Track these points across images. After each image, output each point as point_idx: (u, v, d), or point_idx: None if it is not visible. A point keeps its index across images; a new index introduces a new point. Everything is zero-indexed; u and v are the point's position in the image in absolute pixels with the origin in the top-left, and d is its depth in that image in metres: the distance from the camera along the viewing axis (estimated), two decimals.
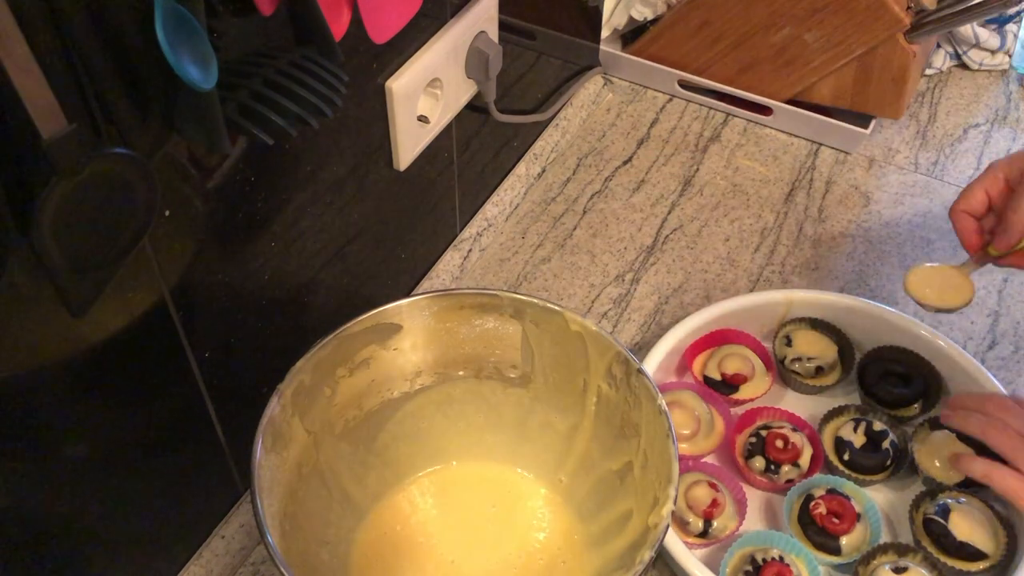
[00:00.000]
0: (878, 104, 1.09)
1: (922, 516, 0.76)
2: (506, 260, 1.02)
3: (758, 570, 0.73)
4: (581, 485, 0.76)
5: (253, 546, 0.79)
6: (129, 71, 0.48)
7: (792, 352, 0.88)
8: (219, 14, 0.55)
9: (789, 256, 1.02)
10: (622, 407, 0.71)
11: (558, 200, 1.08)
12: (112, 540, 0.66)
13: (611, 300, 0.98)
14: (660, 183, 1.10)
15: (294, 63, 0.57)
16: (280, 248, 0.70)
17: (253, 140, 0.55)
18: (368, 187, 0.79)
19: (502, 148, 1.02)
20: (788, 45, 1.07)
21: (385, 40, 0.67)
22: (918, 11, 1.02)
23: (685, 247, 1.03)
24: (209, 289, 0.65)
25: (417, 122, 0.81)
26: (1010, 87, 1.23)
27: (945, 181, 1.10)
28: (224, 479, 0.76)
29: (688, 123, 1.17)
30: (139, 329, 0.60)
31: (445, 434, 0.78)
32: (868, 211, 1.07)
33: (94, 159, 0.45)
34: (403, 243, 0.89)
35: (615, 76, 1.21)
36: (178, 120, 0.51)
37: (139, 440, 0.64)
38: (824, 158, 1.13)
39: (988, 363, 0.91)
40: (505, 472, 0.78)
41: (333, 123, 0.70)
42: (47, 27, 0.43)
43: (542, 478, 0.77)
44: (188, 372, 0.66)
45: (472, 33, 0.83)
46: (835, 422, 0.84)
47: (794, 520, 0.77)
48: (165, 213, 0.58)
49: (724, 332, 0.89)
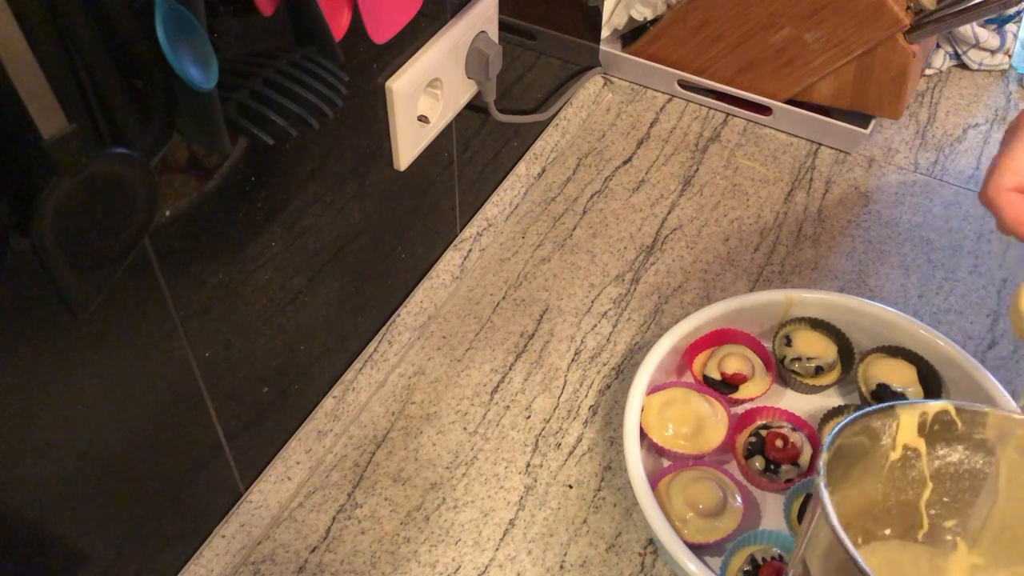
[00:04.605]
0: (878, 104, 1.09)
1: None
2: (506, 260, 1.02)
3: (758, 570, 0.73)
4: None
5: (253, 546, 0.79)
6: (129, 71, 0.48)
7: (792, 352, 0.88)
8: (219, 14, 0.55)
9: (789, 256, 1.02)
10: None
11: (558, 200, 1.08)
12: (112, 539, 0.66)
13: (611, 300, 0.98)
14: (660, 183, 1.10)
15: (294, 63, 0.57)
16: (280, 248, 0.70)
17: (253, 140, 0.55)
18: (368, 187, 0.79)
19: (502, 148, 1.03)
20: (788, 45, 1.07)
21: (385, 40, 0.67)
22: (918, 11, 1.02)
23: (685, 247, 1.03)
24: (209, 289, 0.65)
25: (417, 122, 0.81)
26: (1010, 87, 1.23)
27: (945, 181, 1.10)
28: (224, 479, 0.76)
29: (688, 123, 1.17)
30: (139, 329, 0.60)
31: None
32: (868, 211, 1.07)
33: (94, 159, 0.45)
34: (403, 243, 0.89)
35: (615, 76, 1.22)
36: (178, 120, 0.51)
37: (139, 440, 0.64)
38: (824, 158, 1.13)
39: (988, 363, 0.91)
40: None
41: (333, 123, 0.70)
42: (47, 27, 0.43)
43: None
44: (188, 372, 0.66)
45: (472, 33, 0.83)
46: (835, 422, 0.84)
47: (794, 520, 0.77)
48: (165, 213, 0.58)
49: (724, 332, 0.89)
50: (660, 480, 0.79)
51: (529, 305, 0.97)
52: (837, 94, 1.10)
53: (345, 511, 0.82)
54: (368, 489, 0.83)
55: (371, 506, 0.82)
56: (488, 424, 0.87)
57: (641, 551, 0.79)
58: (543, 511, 0.82)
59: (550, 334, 0.95)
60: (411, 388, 0.90)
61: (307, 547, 0.79)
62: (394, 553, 0.79)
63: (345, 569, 0.78)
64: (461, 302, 0.98)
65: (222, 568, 0.77)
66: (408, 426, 0.87)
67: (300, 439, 0.82)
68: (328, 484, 0.83)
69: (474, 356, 0.93)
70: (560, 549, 0.79)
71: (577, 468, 0.84)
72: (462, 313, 0.97)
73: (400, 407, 0.89)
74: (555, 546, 0.80)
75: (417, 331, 0.94)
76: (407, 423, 0.88)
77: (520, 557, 0.79)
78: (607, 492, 0.83)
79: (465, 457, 0.85)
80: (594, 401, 0.89)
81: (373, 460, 0.85)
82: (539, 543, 0.80)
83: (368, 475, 0.84)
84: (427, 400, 0.89)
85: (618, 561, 0.79)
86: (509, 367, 0.92)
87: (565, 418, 0.88)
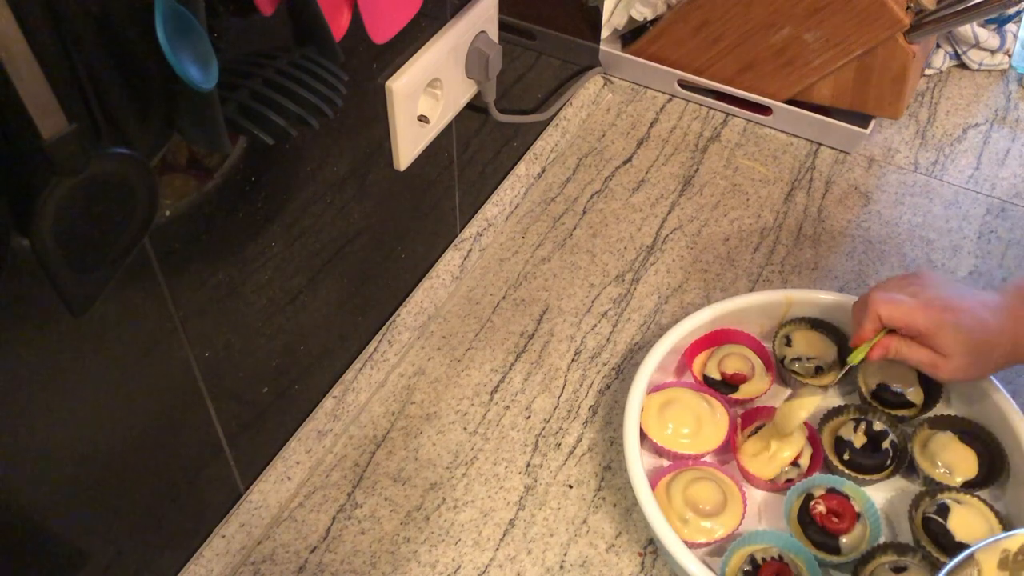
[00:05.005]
0: (878, 104, 1.09)
1: (921, 515, 0.76)
2: (506, 260, 1.02)
3: (758, 570, 0.73)
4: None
5: (253, 546, 0.79)
6: (129, 71, 0.48)
7: (792, 352, 0.88)
8: (219, 14, 0.55)
9: (789, 256, 1.02)
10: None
11: (558, 200, 1.08)
12: (112, 540, 0.66)
13: (611, 300, 0.98)
14: (660, 183, 1.10)
15: (294, 63, 0.57)
16: (280, 248, 0.70)
17: (253, 140, 0.55)
18: (368, 187, 0.79)
19: (502, 148, 1.03)
20: (788, 45, 1.07)
21: (385, 40, 0.67)
22: (918, 11, 1.02)
23: (685, 247, 1.03)
24: (209, 289, 0.65)
25: (417, 122, 0.81)
26: (1010, 87, 1.23)
27: (945, 181, 1.10)
28: (224, 479, 0.76)
29: (688, 123, 1.17)
30: (139, 329, 0.60)
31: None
32: (868, 211, 1.07)
33: (94, 159, 0.45)
34: (403, 243, 0.89)
35: (615, 76, 1.22)
36: (178, 120, 0.51)
37: (139, 440, 0.64)
38: (824, 158, 1.13)
39: None
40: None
41: (333, 123, 0.70)
42: (47, 27, 0.43)
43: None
44: (188, 372, 0.66)
45: (472, 33, 0.83)
46: (835, 422, 0.84)
47: (794, 520, 0.77)
48: (165, 213, 0.58)
49: (724, 332, 0.89)
50: (660, 480, 0.79)
51: (529, 305, 0.97)
52: (837, 94, 1.10)
53: (345, 511, 0.82)
54: (368, 489, 0.83)
55: (371, 506, 0.82)
56: (488, 424, 0.87)
57: (641, 551, 0.79)
58: (543, 511, 0.82)
59: (550, 334, 0.95)
60: (411, 388, 0.90)
61: (307, 547, 0.79)
62: (394, 553, 0.79)
63: (345, 569, 0.78)
64: (461, 302, 0.98)
65: (222, 568, 0.77)
66: (408, 426, 0.87)
67: (300, 439, 0.82)
68: (328, 484, 0.83)
69: (474, 356, 0.93)
70: (560, 549, 0.79)
71: (577, 468, 0.84)
72: (462, 313, 0.97)
73: (400, 407, 0.89)
74: (555, 546, 0.80)
75: (417, 331, 0.94)
76: (407, 423, 0.87)
77: (520, 557, 0.79)
78: (607, 492, 0.83)
79: (465, 457, 0.85)
80: (594, 401, 0.89)
81: (373, 460, 0.85)
82: (539, 543, 0.80)
83: (368, 475, 0.84)
84: (427, 400, 0.89)
85: (618, 561, 0.79)
86: (509, 367, 0.92)
87: (565, 418, 0.88)
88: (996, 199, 1.08)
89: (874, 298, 0.78)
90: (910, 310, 0.76)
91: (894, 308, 0.77)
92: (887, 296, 0.78)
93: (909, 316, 0.76)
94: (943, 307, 0.76)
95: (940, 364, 0.76)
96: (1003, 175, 1.11)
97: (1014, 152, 1.14)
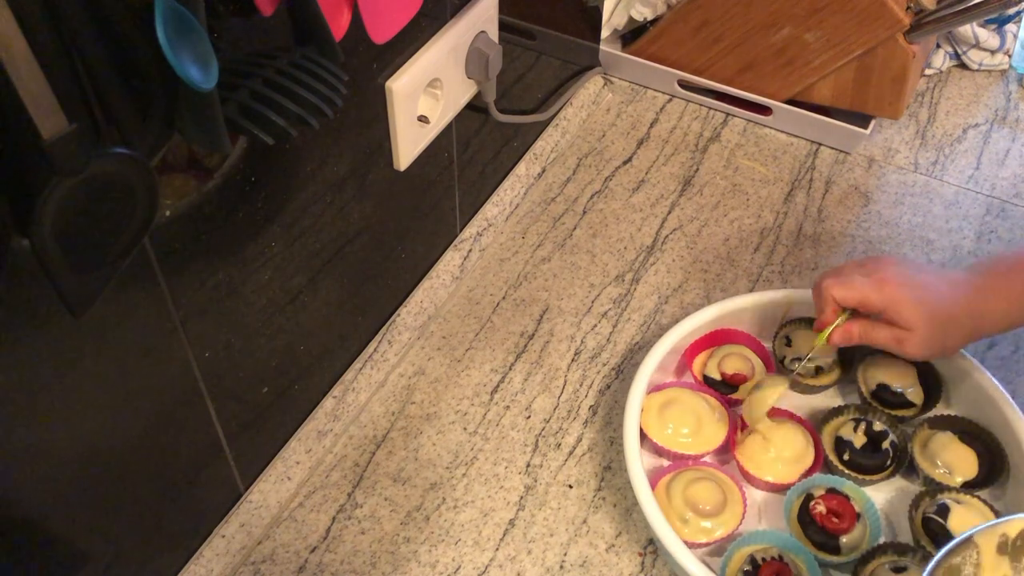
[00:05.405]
0: (878, 104, 1.09)
1: (921, 516, 0.76)
2: (506, 260, 1.02)
3: (757, 570, 0.73)
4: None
5: (253, 546, 0.79)
6: (129, 71, 0.48)
7: (792, 352, 0.88)
8: (219, 14, 0.55)
9: (789, 256, 1.02)
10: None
11: (558, 200, 1.08)
12: (112, 539, 0.66)
13: (611, 300, 0.98)
14: (660, 183, 1.10)
15: (294, 63, 0.57)
16: (280, 248, 0.70)
17: (253, 140, 0.55)
18: (368, 187, 0.79)
19: (502, 148, 1.03)
20: (788, 45, 1.07)
21: (385, 40, 0.67)
22: (918, 11, 1.02)
23: (685, 247, 1.03)
24: (209, 289, 0.65)
25: (417, 122, 0.81)
26: (1010, 87, 1.23)
27: (945, 181, 1.10)
28: (224, 479, 0.76)
29: (688, 123, 1.17)
30: (139, 329, 0.60)
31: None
32: (868, 211, 1.07)
33: (94, 159, 0.45)
34: (403, 243, 0.89)
35: (615, 76, 1.22)
36: (178, 120, 0.51)
37: (139, 440, 0.64)
38: (824, 158, 1.13)
39: (988, 363, 0.91)
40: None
41: (333, 123, 0.70)
42: (47, 27, 0.43)
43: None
44: (188, 372, 0.66)
45: (472, 33, 0.83)
46: (835, 422, 0.84)
47: (794, 520, 0.77)
48: (165, 213, 0.58)
49: (724, 332, 0.89)
50: (660, 480, 0.79)
51: (529, 305, 0.97)
52: (837, 94, 1.10)
53: (345, 511, 0.82)
54: (368, 489, 0.83)
55: (371, 506, 0.82)
56: (488, 424, 0.87)
57: (641, 551, 0.79)
58: (543, 511, 0.82)
59: (550, 334, 0.95)
60: (411, 388, 0.90)
61: (307, 547, 0.79)
62: (394, 553, 0.79)
63: (345, 569, 0.78)
64: (461, 302, 0.98)
65: (222, 568, 0.77)
66: (408, 426, 0.87)
67: (300, 439, 0.82)
68: (328, 484, 0.83)
69: (474, 356, 0.93)
70: (560, 549, 0.79)
71: (577, 468, 0.84)
72: (462, 313, 0.97)
73: (400, 407, 0.89)
74: (555, 546, 0.80)
75: (417, 331, 0.94)
76: (407, 423, 0.87)
77: (520, 557, 0.79)
78: (607, 492, 0.83)
79: (465, 457, 0.85)
80: (594, 401, 0.89)
81: (373, 460, 0.85)
82: (539, 543, 0.80)
83: (368, 475, 0.84)
84: (427, 400, 0.89)
85: (618, 561, 0.79)
86: (509, 367, 0.92)
87: (565, 418, 0.88)
88: (996, 199, 1.08)
89: (826, 283, 0.79)
90: (862, 289, 0.77)
91: (847, 289, 0.78)
92: (839, 279, 0.79)
93: (862, 294, 0.77)
94: (899, 283, 0.76)
95: (904, 339, 0.76)
96: (1003, 175, 1.11)
97: (1014, 152, 1.14)
